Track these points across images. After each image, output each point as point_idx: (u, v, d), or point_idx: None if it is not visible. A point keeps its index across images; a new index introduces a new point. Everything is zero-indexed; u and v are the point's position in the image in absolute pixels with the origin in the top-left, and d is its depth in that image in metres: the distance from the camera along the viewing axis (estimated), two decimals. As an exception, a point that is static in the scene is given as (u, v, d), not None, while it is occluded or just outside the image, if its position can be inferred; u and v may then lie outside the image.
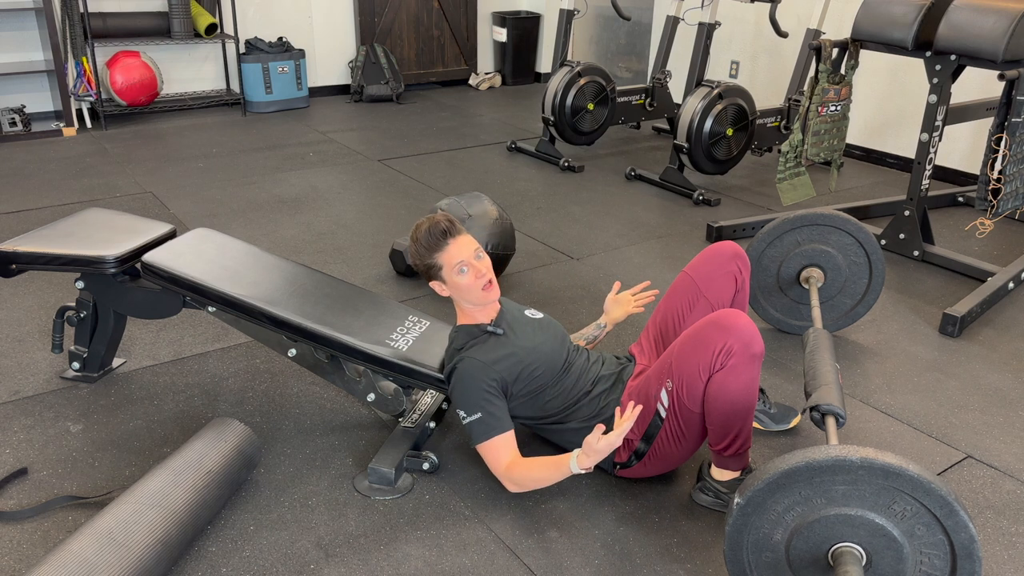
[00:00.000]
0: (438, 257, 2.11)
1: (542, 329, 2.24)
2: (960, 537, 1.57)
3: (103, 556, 1.70)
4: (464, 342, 2.16)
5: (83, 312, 2.58)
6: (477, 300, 2.14)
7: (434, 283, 2.16)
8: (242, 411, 2.53)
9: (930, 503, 1.56)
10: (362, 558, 1.97)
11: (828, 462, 1.58)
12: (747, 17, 5.80)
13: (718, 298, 2.33)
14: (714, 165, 4.53)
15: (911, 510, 1.59)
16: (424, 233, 2.11)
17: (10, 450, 2.32)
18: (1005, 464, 2.37)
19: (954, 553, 1.59)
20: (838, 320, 3.00)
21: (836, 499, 1.62)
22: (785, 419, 2.47)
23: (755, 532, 1.70)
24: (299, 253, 3.71)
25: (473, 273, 2.10)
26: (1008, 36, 3.14)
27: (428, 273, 2.15)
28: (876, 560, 1.64)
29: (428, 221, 2.12)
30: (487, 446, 2.06)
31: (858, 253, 2.88)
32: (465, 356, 2.11)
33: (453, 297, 2.17)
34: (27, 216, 4.06)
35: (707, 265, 2.35)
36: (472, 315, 2.18)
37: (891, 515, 1.60)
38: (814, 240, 2.89)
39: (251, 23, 6.32)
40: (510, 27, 7.21)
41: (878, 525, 1.61)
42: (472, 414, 2.06)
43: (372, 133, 5.81)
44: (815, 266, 2.90)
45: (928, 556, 1.61)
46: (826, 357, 2.24)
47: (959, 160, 4.88)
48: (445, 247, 2.10)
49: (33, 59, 5.58)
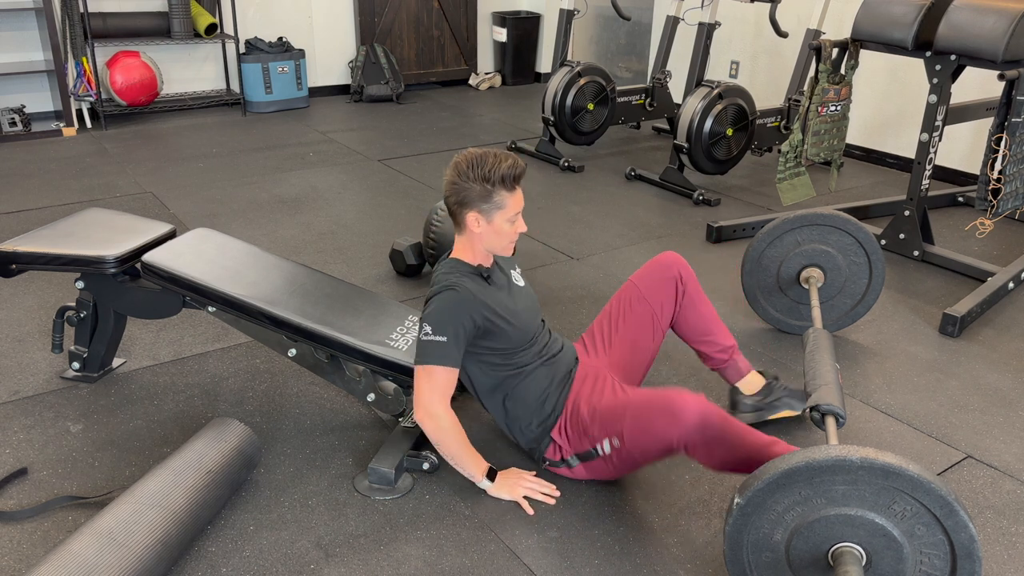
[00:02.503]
0: (504, 196, 2.03)
1: (525, 296, 2.25)
2: (960, 537, 1.57)
3: (103, 556, 1.70)
4: (452, 272, 2.11)
5: (83, 312, 2.58)
6: (500, 250, 2.12)
7: (473, 214, 2.04)
8: (242, 411, 2.53)
9: (930, 503, 1.56)
10: (362, 558, 1.97)
11: (828, 462, 1.58)
12: (747, 17, 5.80)
13: (659, 303, 2.39)
14: (714, 165, 4.53)
15: (911, 510, 1.59)
16: (504, 167, 2.00)
17: (10, 450, 2.32)
18: (1005, 464, 2.37)
19: (954, 553, 1.59)
20: (838, 320, 3.00)
21: (836, 499, 1.62)
22: (802, 400, 2.49)
23: (755, 532, 1.70)
24: (299, 253, 3.71)
25: (517, 227, 2.09)
26: (1008, 36, 3.14)
27: (472, 204, 2.03)
28: (876, 560, 1.64)
29: (509, 158, 2.02)
30: (432, 370, 2.03)
31: (858, 253, 2.88)
32: (463, 286, 2.06)
33: (475, 236, 2.09)
34: (27, 216, 4.06)
35: (651, 273, 2.41)
36: (475, 255, 2.14)
37: (891, 515, 1.60)
38: (814, 240, 2.89)
39: (251, 23, 6.32)
40: (510, 27, 7.21)
41: (878, 525, 1.61)
42: (438, 334, 2.01)
43: (372, 133, 5.81)
44: (815, 266, 2.90)
45: (928, 556, 1.61)
46: (826, 357, 2.25)
47: (959, 160, 4.88)
48: (514, 191, 2.04)
49: (33, 59, 5.58)
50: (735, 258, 3.76)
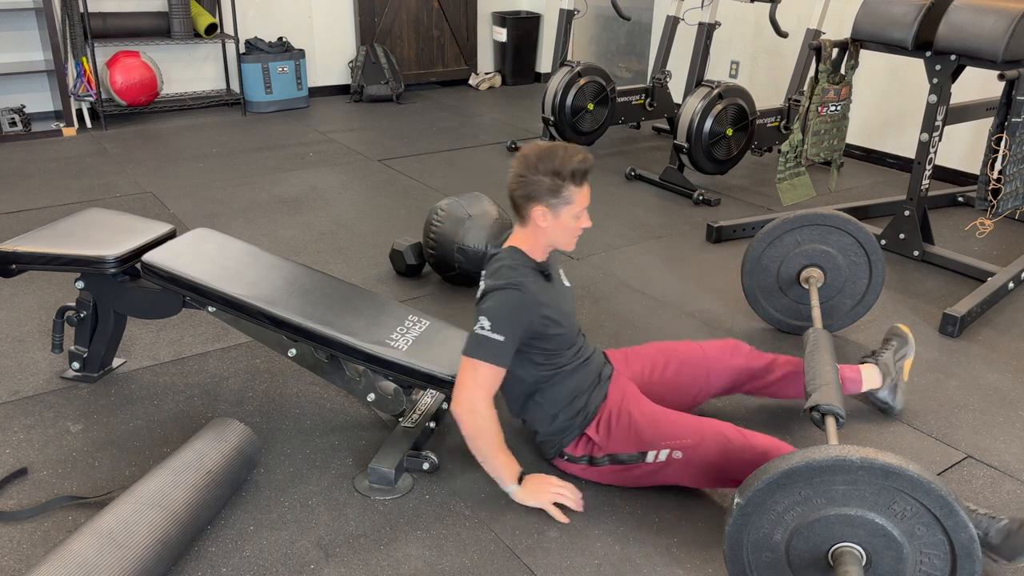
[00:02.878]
0: (573, 191, 2.00)
1: (570, 298, 2.26)
2: (960, 537, 1.57)
3: (103, 556, 1.70)
4: (518, 266, 2.08)
5: (83, 312, 2.58)
6: (563, 245, 2.11)
7: (539, 207, 2.01)
8: (242, 411, 2.53)
9: (930, 503, 1.56)
10: (362, 558, 1.97)
11: (828, 462, 1.58)
12: (747, 17, 5.80)
13: (716, 381, 2.41)
14: (714, 165, 4.53)
15: (911, 510, 1.59)
16: (575, 161, 1.97)
17: (10, 450, 2.32)
18: (1005, 464, 2.37)
19: (954, 553, 1.59)
20: (838, 320, 3.00)
21: (836, 499, 1.62)
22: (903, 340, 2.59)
23: (755, 532, 1.70)
24: (299, 253, 3.71)
25: (582, 223, 2.07)
26: (1008, 36, 3.14)
27: (540, 198, 2.00)
28: (876, 560, 1.64)
29: (580, 152, 1.99)
30: (481, 366, 2.00)
31: (858, 253, 2.88)
32: (523, 283, 2.03)
33: (540, 230, 2.06)
34: (27, 216, 4.06)
35: (722, 355, 2.42)
36: (535, 248, 2.11)
37: (891, 515, 1.60)
38: (814, 240, 2.89)
39: (251, 23, 6.32)
40: (510, 27, 7.21)
41: (878, 525, 1.61)
42: (496, 332, 1.98)
43: (372, 133, 5.81)
44: (815, 266, 2.90)
45: (928, 556, 1.61)
46: (826, 357, 2.25)
47: (959, 160, 4.88)
48: (582, 187, 2.02)
49: (33, 59, 5.58)
50: (735, 258, 3.76)
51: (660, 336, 3.04)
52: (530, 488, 2.09)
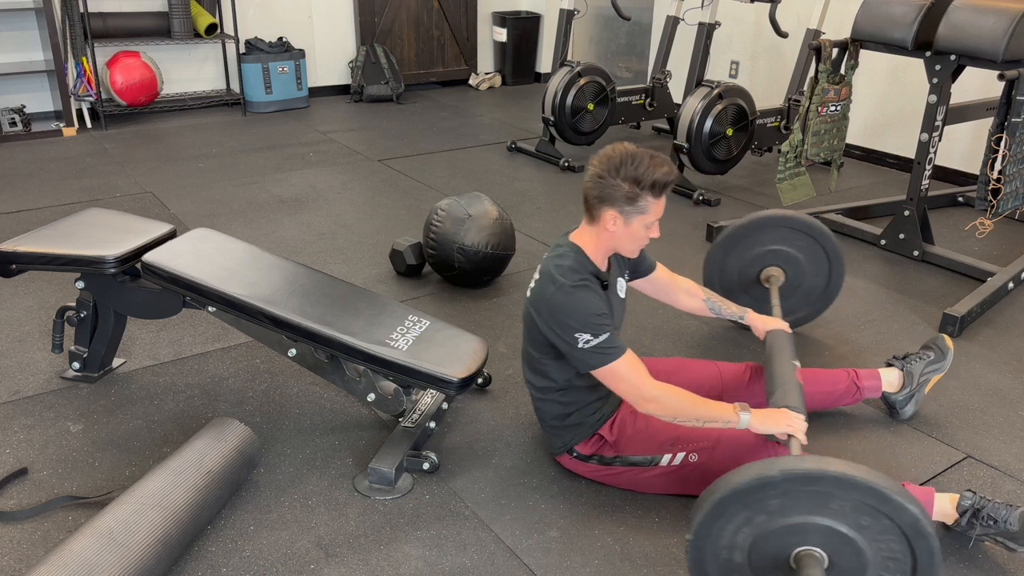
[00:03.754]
0: (650, 202, 1.95)
1: (622, 309, 2.23)
2: (904, 518, 1.58)
3: (103, 556, 1.70)
4: (579, 269, 2.02)
5: (83, 312, 2.58)
6: (627, 252, 2.08)
7: (612, 212, 1.96)
8: (242, 411, 2.53)
9: (861, 496, 1.58)
10: (362, 558, 1.97)
11: (752, 483, 1.60)
12: (747, 17, 5.80)
13: None
14: (714, 165, 4.53)
15: (849, 506, 1.60)
16: (659, 173, 1.92)
17: (10, 450, 2.32)
18: (1005, 464, 2.37)
19: (905, 534, 1.60)
20: (802, 317, 3.02)
21: (776, 512, 1.64)
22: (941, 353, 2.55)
23: (715, 559, 1.72)
24: (299, 253, 3.71)
25: (652, 233, 2.03)
26: (1008, 36, 3.14)
27: (615, 202, 1.95)
28: (836, 557, 1.66)
29: (665, 164, 1.94)
30: (622, 364, 1.96)
31: (816, 251, 2.89)
32: (586, 285, 1.98)
33: (608, 233, 2.02)
34: (27, 216, 4.06)
35: (737, 379, 2.41)
36: (598, 250, 2.06)
37: (833, 514, 1.62)
38: (774, 241, 2.89)
39: (251, 23, 6.32)
40: (510, 27, 7.21)
41: (825, 526, 1.63)
42: (599, 334, 1.94)
43: (372, 133, 5.81)
44: (775, 266, 2.91)
45: (884, 542, 1.63)
46: (785, 357, 2.25)
47: (959, 160, 4.88)
48: (661, 198, 1.97)
49: (33, 59, 5.58)
50: (735, 258, 3.76)
51: (661, 336, 3.04)
52: (766, 416, 1.99)
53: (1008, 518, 1.95)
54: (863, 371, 2.52)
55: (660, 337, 3.04)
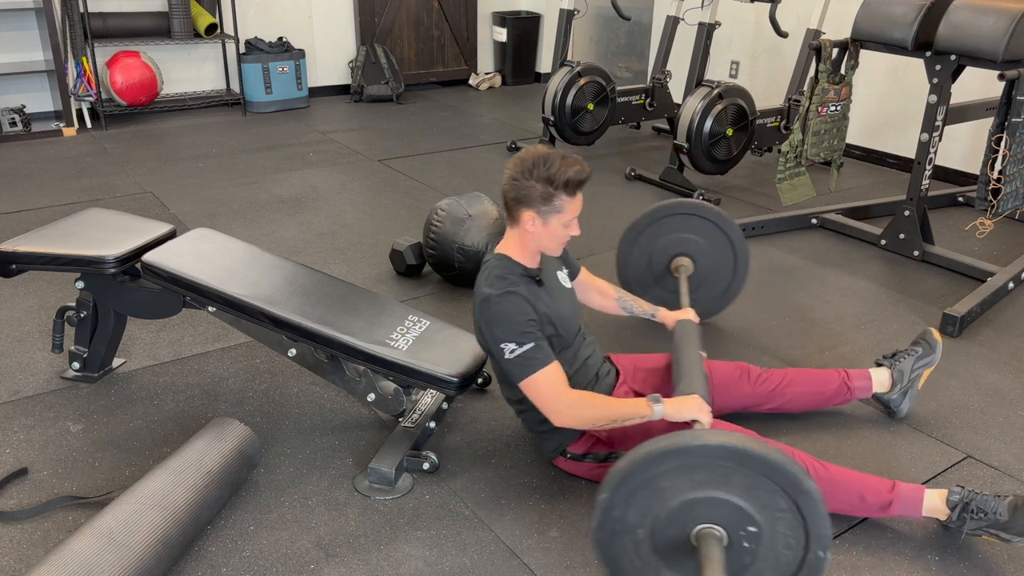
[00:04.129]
0: (565, 201, 1.99)
1: (570, 299, 2.23)
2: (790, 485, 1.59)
3: (103, 556, 1.70)
4: (507, 274, 2.06)
5: (83, 312, 2.58)
6: (549, 251, 2.11)
7: (530, 212, 2.01)
8: (242, 411, 2.53)
9: (724, 458, 1.60)
10: (362, 558, 1.97)
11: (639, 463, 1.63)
12: (747, 17, 5.80)
13: (721, 405, 2.41)
14: (714, 165, 4.53)
15: (721, 475, 1.62)
16: (571, 172, 1.96)
17: (10, 450, 2.32)
18: (1005, 464, 2.37)
19: (785, 491, 1.61)
20: (712, 305, 3.05)
21: (670, 491, 1.65)
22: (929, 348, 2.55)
23: (622, 546, 1.72)
24: (299, 253, 3.71)
25: (571, 231, 2.07)
26: (1008, 36, 3.14)
27: (531, 203, 2.00)
28: (731, 529, 1.67)
29: (577, 163, 1.98)
30: (543, 376, 1.98)
31: (720, 237, 2.92)
32: (514, 291, 2.01)
33: (527, 233, 2.06)
34: (27, 216, 4.06)
35: (728, 382, 2.41)
36: (523, 253, 2.10)
37: (707, 485, 1.63)
38: (679, 230, 2.91)
39: (251, 23, 6.32)
40: (510, 27, 7.21)
41: (707, 498, 1.64)
42: (524, 343, 1.97)
43: (372, 133, 5.81)
44: (684, 255, 2.93)
45: (767, 493, 1.63)
46: (692, 347, 2.26)
47: (959, 160, 4.88)
48: (576, 196, 2.01)
49: (33, 59, 5.58)
50: (735, 258, 3.76)
51: (661, 336, 3.04)
52: (675, 404, 2.02)
53: (997, 509, 1.95)
54: (854, 371, 2.52)
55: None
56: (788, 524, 1.64)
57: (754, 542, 1.66)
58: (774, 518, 1.64)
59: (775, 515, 1.64)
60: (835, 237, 4.05)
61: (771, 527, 1.65)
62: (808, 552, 1.65)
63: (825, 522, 1.61)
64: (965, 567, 1.99)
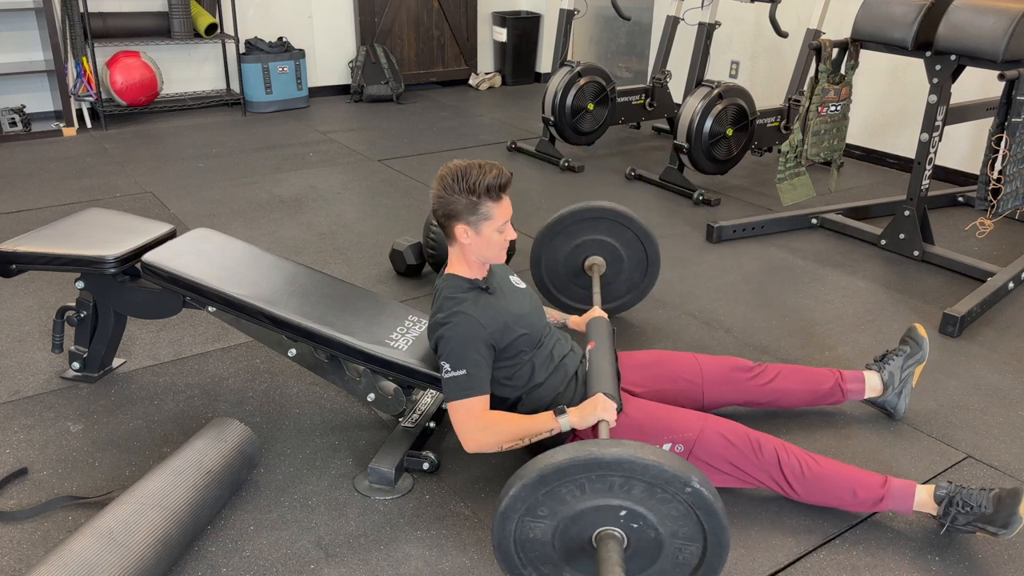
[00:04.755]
0: (491, 207, 2.04)
1: (527, 299, 2.25)
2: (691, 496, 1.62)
3: (103, 556, 1.70)
4: (454, 293, 2.10)
5: (83, 312, 2.58)
6: (491, 258, 2.13)
7: (461, 226, 2.05)
8: (242, 411, 2.53)
9: (623, 472, 1.62)
10: (362, 558, 1.97)
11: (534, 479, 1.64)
12: (747, 17, 5.80)
13: (711, 401, 2.43)
14: (714, 165, 4.53)
15: (618, 482, 1.64)
16: (488, 177, 2.01)
17: (10, 450, 2.32)
18: (1005, 464, 2.37)
19: (694, 511, 1.64)
20: (626, 301, 3.10)
21: (567, 500, 1.68)
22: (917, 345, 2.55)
23: (523, 548, 1.74)
24: (299, 253, 3.71)
25: (507, 235, 2.10)
26: (1008, 36, 3.14)
27: (460, 216, 2.04)
28: (631, 531, 1.69)
29: (494, 168, 2.03)
30: (464, 404, 2.01)
31: (628, 235, 2.96)
32: (460, 311, 2.04)
33: (465, 247, 2.09)
34: (27, 216, 4.06)
35: (718, 378, 2.42)
36: (469, 268, 2.14)
37: (605, 494, 1.66)
38: (585, 232, 2.96)
39: (251, 23, 6.32)
40: (510, 27, 7.21)
41: (609, 506, 1.67)
42: (457, 369, 2.01)
43: (372, 133, 5.81)
44: (596, 255, 2.97)
45: (666, 504, 1.66)
46: (602, 345, 2.26)
47: (959, 160, 4.88)
48: (500, 201, 2.05)
49: (33, 59, 5.58)
50: (735, 258, 3.76)
51: (660, 336, 3.05)
52: (579, 413, 2.01)
53: (982, 502, 1.97)
54: (848, 373, 2.52)
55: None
56: (682, 522, 1.68)
57: (645, 528, 1.69)
58: (669, 517, 1.67)
59: (670, 515, 1.67)
60: (835, 237, 4.05)
61: (668, 528, 1.68)
62: (707, 550, 1.69)
63: (719, 519, 1.64)
64: (965, 567, 1.99)
